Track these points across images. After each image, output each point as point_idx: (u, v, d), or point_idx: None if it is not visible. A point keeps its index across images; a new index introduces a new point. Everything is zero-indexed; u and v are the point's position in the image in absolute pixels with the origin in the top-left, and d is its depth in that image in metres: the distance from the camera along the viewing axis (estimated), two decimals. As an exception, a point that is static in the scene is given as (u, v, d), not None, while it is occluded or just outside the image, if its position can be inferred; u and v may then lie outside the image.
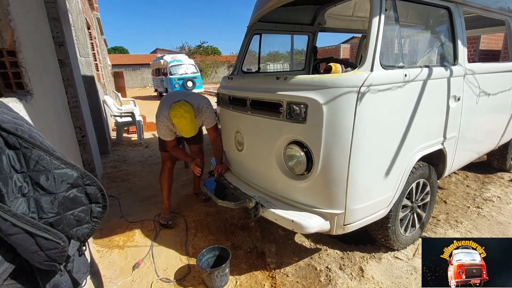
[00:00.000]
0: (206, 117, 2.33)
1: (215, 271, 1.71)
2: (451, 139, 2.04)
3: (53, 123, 1.94)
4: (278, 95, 1.60)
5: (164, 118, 2.21)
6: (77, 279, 0.84)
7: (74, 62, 2.96)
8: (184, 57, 15.47)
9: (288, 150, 1.65)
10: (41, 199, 0.64)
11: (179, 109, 2.09)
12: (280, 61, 4.77)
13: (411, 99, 1.65)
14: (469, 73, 2.03)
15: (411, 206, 2.00)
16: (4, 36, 1.33)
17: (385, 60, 1.54)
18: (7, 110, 0.72)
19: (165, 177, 2.52)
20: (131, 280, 1.86)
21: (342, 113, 1.42)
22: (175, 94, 2.37)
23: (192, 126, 2.15)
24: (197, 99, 2.31)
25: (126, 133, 6.38)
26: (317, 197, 1.60)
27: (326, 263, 1.94)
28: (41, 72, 1.82)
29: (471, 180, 3.16)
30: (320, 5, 2.85)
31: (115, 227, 2.47)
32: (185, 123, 2.11)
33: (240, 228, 2.40)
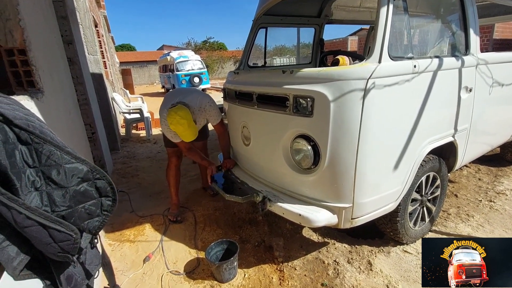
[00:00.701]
0: (210, 115, 2.29)
1: (223, 264, 1.73)
2: (462, 132, 1.99)
3: (64, 120, 1.98)
4: (284, 89, 1.59)
5: (165, 121, 2.16)
6: (90, 271, 0.86)
7: (82, 60, 3.00)
8: (191, 53, 15.50)
9: (295, 144, 1.65)
10: (53, 193, 0.66)
11: (175, 115, 2.03)
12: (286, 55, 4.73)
13: (421, 91, 1.61)
14: (482, 63, 1.97)
15: (420, 200, 1.97)
16: (14, 35, 1.36)
17: (394, 51, 1.51)
18: (19, 107, 0.74)
19: (172, 174, 2.52)
20: (142, 273, 1.91)
21: (349, 106, 1.40)
22: (176, 94, 2.32)
23: (190, 131, 2.09)
24: (198, 98, 2.25)
25: (135, 129, 6.47)
26: (324, 191, 1.60)
27: (334, 257, 1.94)
28: (51, 70, 1.86)
29: (483, 173, 3.09)
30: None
31: (125, 221, 2.53)
32: (181, 130, 2.06)
33: (248, 222, 2.42)
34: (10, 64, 1.42)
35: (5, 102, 0.72)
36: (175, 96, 2.26)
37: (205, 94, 2.37)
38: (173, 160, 2.52)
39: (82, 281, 0.81)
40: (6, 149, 0.58)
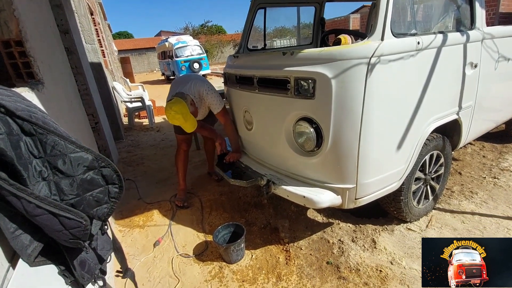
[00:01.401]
0: (210, 103, 2.22)
1: (231, 246, 1.78)
2: (467, 109, 1.97)
3: (66, 111, 1.98)
4: (285, 71, 1.57)
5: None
6: (102, 256, 0.90)
7: (80, 50, 2.96)
8: (189, 38, 15.20)
9: (298, 127, 1.64)
10: (61, 182, 0.67)
11: (170, 111, 2.02)
12: (286, 37, 4.62)
13: (425, 68, 1.58)
14: (488, 37, 1.91)
15: (424, 179, 1.98)
16: (10, 26, 1.34)
17: (397, 27, 1.46)
18: (20, 99, 0.75)
19: (181, 159, 2.54)
20: (153, 256, 1.98)
21: (351, 86, 1.38)
22: (177, 83, 2.30)
23: (189, 123, 2.08)
24: (195, 86, 2.19)
25: (137, 118, 6.48)
26: (327, 172, 1.61)
27: (338, 236, 1.98)
28: (49, 61, 1.84)
29: (487, 151, 3.07)
30: (327, -27, 2.70)
31: (134, 208, 2.59)
32: (178, 124, 2.08)
33: (254, 206, 2.46)
34: (8, 56, 1.41)
35: (5, 94, 0.72)
36: (176, 86, 2.24)
37: (203, 81, 2.28)
38: (183, 146, 2.52)
39: (95, 266, 0.84)
40: (11, 141, 0.59)
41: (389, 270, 1.66)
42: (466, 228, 1.94)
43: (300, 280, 1.68)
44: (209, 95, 2.20)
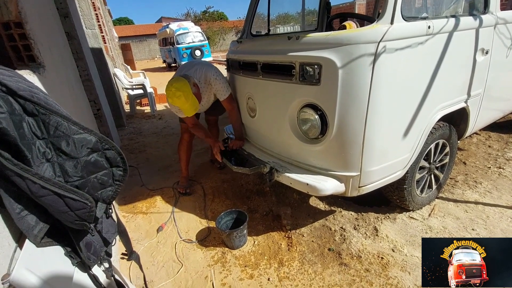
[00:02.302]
0: (216, 89, 2.13)
1: (234, 232, 1.79)
2: (475, 97, 1.93)
3: (68, 96, 1.97)
4: (290, 56, 1.53)
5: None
6: (107, 239, 0.90)
7: (81, 34, 2.91)
8: (190, 24, 14.92)
9: (302, 114, 1.62)
10: (65, 164, 0.67)
11: (170, 87, 1.91)
12: (290, 23, 4.51)
13: (435, 54, 1.53)
14: (501, 22, 1.85)
15: (428, 168, 1.97)
16: (9, 7, 1.31)
17: (407, 10, 1.41)
18: (22, 79, 0.73)
19: (184, 149, 2.51)
20: (156, 241, 2.00)
21: (358, 72, 1.35)
22: (181, 68, 2.24)
23: (189, 104, 1.94)
24: (202, 70, 2.12)
25: (139, 105, 6.45)
26: (331, 160, 1.60)
27: (340, 224, 1.99)
28: (50, 44, 1.81)
29: (493, 141, 3.04)
30: (334, -46, 2.60)
31: (137, 194, 2.60)
32: (179, 103, 1.94)
33: (256, 193, 2.47)
34: (8, 38, 1.38)
35: (7, 75, 0.70)
36: (180, 71, 2.18)
37: (211, 65, 2.21)
38: (185, 136, 2.48)
39: (101, 248, 0.85)
40: (14, 120, 0.58)
41: (391, 257, 1.68)
42: (469, 217, 1.94)
43: (302, 266, 1.70)
44: (216, 81, 2.12)
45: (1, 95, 0.57)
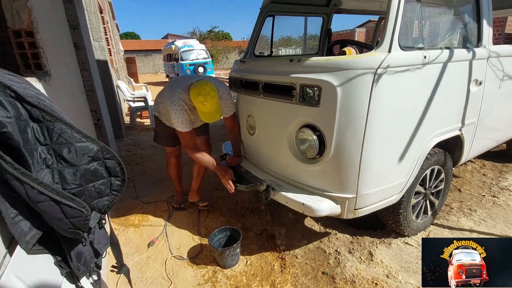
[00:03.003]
0: (225, 105, 2.05)
1: (226, 250, 1.76)
2: (469, 125, 1.97)
3: (71, 105, 1.99)
4: (291, 78, 1.58)
5: (180, 101, 1.88)
6: (98, 250, 0.88)
7: (88, 46, 2.99)
8: (195, 42, 15.34)
9: (300, 134, 1.64)
10: (65, 171, 0.67)
11: (205, 86, 1.79)
12: (292, 46, 4.66)
13: (430, 83, 1.59)
14: (494, 55, 1.93)
15: (424, 193, 1.97)
16: (21, 16, 1.36)
17: (404, 40, 1.48)
18: (29, 86, 0.75)
19: (173, 172, 2.45)
20: (146, 257, 1.95)
21: (357, 96, 1.39)
22: (188, 77, 2.11)
23: (218, 108, 1.87)
24: (215, 84, 2.01)
25: (139, 118, 6.49)
26: (328, 181, 1.60)
27: (335, 247, 1.96)
28: (57, 54, 1.86)
29: (488, 169, 3.07)
30: (336, -15, 2.74)
31: (130, 207, 2.56)
32: (211, 103, 1.80)
33: (251, 211, 2.44)
34: (18, 46, 1.42)
35: (16, 81, 0.72)
36: (189, 78, 2.02)
37: (222, 82, 2.13)
38: (172, 160, 2.38)
39: (91, 259, 0.83)
40: (19, 125, 0.59)
41: (385, 283, 1.64)
42: (464, 246, 1.92)
43: (295, 289, 1.66)
44: (228, 97, 2.05)
45: (9, 100, 0.59)
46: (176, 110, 1.87)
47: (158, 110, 2.15)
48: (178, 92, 1.91)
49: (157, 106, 2.16)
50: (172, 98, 1.90)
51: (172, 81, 2.20)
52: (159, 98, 2.14)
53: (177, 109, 1.87)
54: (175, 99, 1.88)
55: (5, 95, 0.62)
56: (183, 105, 1.89)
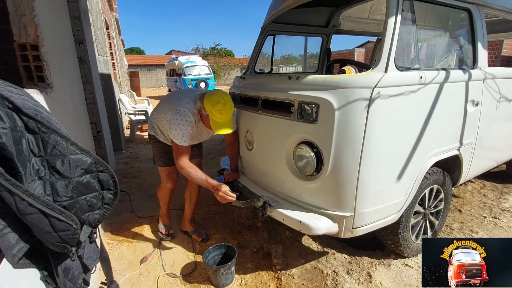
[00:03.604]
0: (233, 119, 1.98)
1: (221, 269, 1.71)
2: (468, 145, 1.98)
3: (71, 117, 2.00)
4: (290, 95, 1.60)
5: (187, 112, 1.74)
6: (87, 265, 0.86)
7: (92, 60, 3.05)
8: (198, 58, 15.69)
9: (298, 150, 1.64)
10: (57, 183, 0.66)
11: (224, 95, 1.71)
12: (293, 64, 4.76)
13: (427, 102, 1.61)
14: (489, 77, 1.97)
15: (423, 213, 1.95)
16: (28, 31, 1.40)
17: (400, 61, 1.51)
18: (29, 98, 0.76)
19: (165, 196, 2.23)
20: (138, 273, 1.89)
21: (354, 114, 1.40)
22: (191, 90, 2.02)
23: (231, 120, 1.80)
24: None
25: (139, 131, 6.52)
26: (326, 198, 1.59)
27: (333, 267, 1.91)
28: (61, 67, 1.89)
29: (488, 190, 3.05)
30: (335, 7, 2.84)
31: (125, 221, 2.52)
32: (228, 113, 1.72)
33: (247, 228, 2.40)
34: (22, 58, 1.45)
35: (15, 92, 0.73)
36: (191, 92, 1.93)
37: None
38: (169, 184, 2.14)
39: (79, 275, 0.81)
40: (14, 136, 0.59)
41: (385, 307, 1.58)
42: (465, 269, 1.87)
43: (291, 311, 1.60)
44: (235, 111, 1.95)
45: (6, 111, 0.59)
46: (181, 121, 1.74)
47: (153, 128, 2.02)
48: (186, 102, 1.79)
49: (151, 123, 2.03)
50: (178, 107, 1.76)
51: (170, 95, 2.08)
52: (154, 114, 2.01)
53: (182, 119, 1.74)
54: (181, 109, 1.75)
55: (3, 106, 0.62)
56: (190, 116, 1.75)
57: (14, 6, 1.34)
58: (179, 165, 1.82)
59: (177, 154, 1.81)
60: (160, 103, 2.01)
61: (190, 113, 1.76)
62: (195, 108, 1.80)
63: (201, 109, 1.78)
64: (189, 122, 1.76)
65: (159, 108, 1.98)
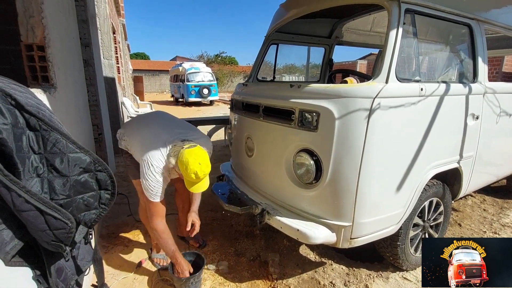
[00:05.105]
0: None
1: (191, 279, 1.63)
2: (467, 159, 1.97)
3: (73, 118, 2.02)
4: (291, 103, 1.61)
5: (161, 169, 1.52)
6: (80, 266, 0.85)
7: (97, 63, 3.09)
8: (202, 65, 15.87)
9: (298, 158, 1.64)
10: (54, 181, 0.66)
11: (199, 159, 1.47)
12: (295, 74, 4.80)
13: (427, 114, 1.61)
14: (490, 91, 1.98)
15: (422, 225, 1.93)
16: (35, 32, 1.42)
17: (401, 73, 1.53)
18: (32, 96, 0.77)
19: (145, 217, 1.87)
20: (132, 278, 1.87)
21: (354, 123, 1.41)
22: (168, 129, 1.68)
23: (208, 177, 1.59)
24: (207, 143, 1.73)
25: (141, 135, 6.53)
26: (324, 207, 1.58)
27: (330, 278, 1.88)
28: (66, 68, 1.92)
29: (488, 204, 3.02)
30: (338, 19, 2.88)
31: (122, 224, 2.50)
32: (206, 174, 1.52)
33: (245, 235, 2.38)
34: (28, 59, 1.47)
35: (19, 90, 0.74)
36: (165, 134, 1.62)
37: (208, 138, 1.83)
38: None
39: (72, 276, 0.80)
40: (15, 133, 0.59)
41: (382, 321, 1.55)
42: (465, 284, 1.84)
43: (286, 322, 1.57)
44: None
45: (9, 108, 0.60)
46: (154, 177, 1.51)
47: (122, 144, 1.79)
48: (158, 157, 1.53)
49: (120, 140, 1.81)
50: (151, 160, 1.51)
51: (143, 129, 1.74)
52: (123, 136, 1.77)
53: (155, 175, 1.51)
54: (154, 164, 1.51)
55: (5, 103, 0.63)
56: (163, 172, 1.54)
57: (23, 7, 1.37)
58: (151, 225, 1.61)
59: (150, 212, 1.60)
60: (133, 131, 1.76)
61: (164, 169, 1.54)
62: (168, 163, 1.53)
63: (175, 168, 1.54)
64: (163, 177, 1.55)
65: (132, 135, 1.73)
